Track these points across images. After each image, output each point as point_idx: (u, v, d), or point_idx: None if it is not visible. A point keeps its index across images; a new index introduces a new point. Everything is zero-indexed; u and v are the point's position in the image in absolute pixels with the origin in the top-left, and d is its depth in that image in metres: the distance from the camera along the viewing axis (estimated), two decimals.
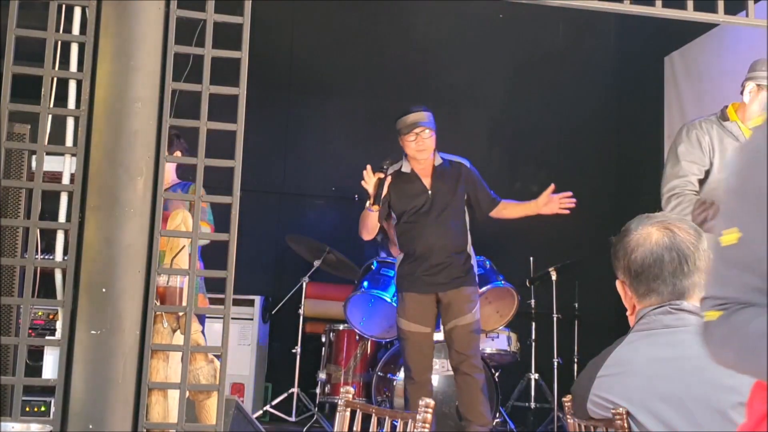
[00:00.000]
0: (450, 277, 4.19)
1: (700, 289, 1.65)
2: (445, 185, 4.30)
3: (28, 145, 2.34)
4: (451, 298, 4.20)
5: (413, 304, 4.21)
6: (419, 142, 4.25)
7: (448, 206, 4.28)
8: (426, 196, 4.28)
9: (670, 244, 1.67)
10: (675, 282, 1.67)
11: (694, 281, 1.66)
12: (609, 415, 1.58)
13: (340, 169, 6.67)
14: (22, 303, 1.84)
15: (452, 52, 6.76)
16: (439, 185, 4.30)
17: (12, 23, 1.85)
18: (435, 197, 4.28)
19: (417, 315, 4.20)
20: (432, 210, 4.26)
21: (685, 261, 1.66)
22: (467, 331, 4.20)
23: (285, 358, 5.63)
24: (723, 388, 1.46)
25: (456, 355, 4.21)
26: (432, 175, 4.32)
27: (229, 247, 1.88)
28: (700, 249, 1.67)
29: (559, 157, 6.85)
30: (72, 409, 1.74)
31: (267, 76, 6.29)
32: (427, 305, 4.22)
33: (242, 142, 1.89)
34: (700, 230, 1.73)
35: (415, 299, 4.21)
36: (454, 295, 4.20)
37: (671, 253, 1.66)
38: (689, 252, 1.66)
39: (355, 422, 2.07)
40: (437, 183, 4.31)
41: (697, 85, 6.13)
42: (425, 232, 4.23)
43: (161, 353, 2.39)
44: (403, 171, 4.35)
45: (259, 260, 5.96)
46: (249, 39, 1.92)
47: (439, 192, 4.29)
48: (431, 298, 4.22)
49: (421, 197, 4.27)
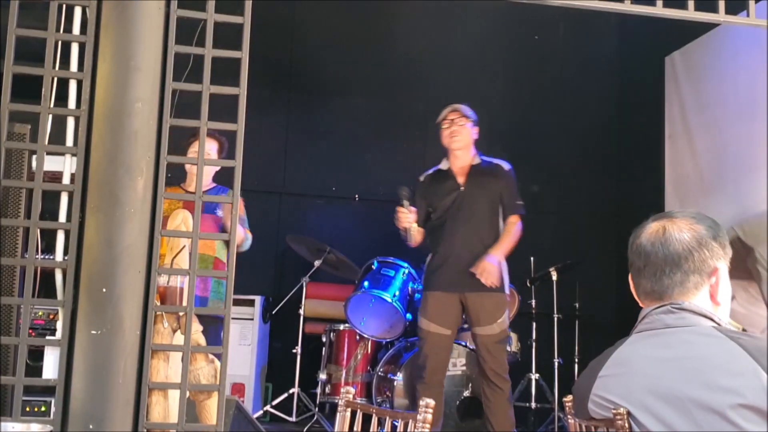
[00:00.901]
0: (473, 278, 4.11)
1: (682, 290, 1.63)
2: (479, 185, 4.25)
3: (29, 145, 2.34)
4: (475, 303, 4.13)
5: (436, 304, 4.16)
6: (452, 129, 4.24)
7: (480, 206, 4.22)
8: (458, 194, 4.23)
9: (659, 241, 1.65)
10: (654, 279, 1.65)
11: (676, 281, 1.63)
12: (610, 415, 1.58)
13: (340, 169, 6.67)
14: (23, 303, 1.84)
15: (452, 51, 6.76)
16: (473, 184, 4.25)
17: (12, 23, 1.85)
18: (466, 196, 4.23)
19: (438, 315, 4.15)
20: (462, 208, 4.21)
21: (671, 260, 1.63)
22: (493, 342, 4.14)
23: (285, 358, 5.63)
24: (723, 389, 1.46)
25: (482, 363, 4.17)
26: (467, 174, 4.28)
27: (230, 247, 1.87)
28: (693, 251, 1.63)
29: (560, 157, 6.85)
30: (72, 409, 1.74)
31: (267, 76, 6.30)
32: (449, 305, 4.16)
33: (243, 142, 1.89)
34: (709, 234, 1.65)
35: (438, 298, 4.16)
36: (479, 300, 4.13)
37: (657, 249, 1.65)
38: (677, 251, 1.63)
39: (356, 422, 2.07)
40: (471, 182, 4.25)
41: (698, 85, 6.13)
42: (454, 231, 4.19)
43: (162, 353, 2.40)
44: (441, 168, 4.34)
45: (260, 260, 5.95)
46: (249, 39, 1.92)
47: (471, 191, 4.23)
48: (455, 298, 4.16)
49: (454, 194, 4.23)
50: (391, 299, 4.90)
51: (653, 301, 1.67)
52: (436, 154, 6.62)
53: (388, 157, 6.69)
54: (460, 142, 4.26)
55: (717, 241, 1.65)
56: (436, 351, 4.17)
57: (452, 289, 4.15)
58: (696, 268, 1.63)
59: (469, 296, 4.14)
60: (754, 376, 1.45)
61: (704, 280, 1.64)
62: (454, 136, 4.25)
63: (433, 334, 4.15)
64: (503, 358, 4.21)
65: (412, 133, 6.78)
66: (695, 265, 1.63)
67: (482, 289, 4.10)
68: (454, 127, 4.25)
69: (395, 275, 5.05)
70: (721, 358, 1.50)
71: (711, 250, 1.64)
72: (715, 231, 1.66)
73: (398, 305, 4.90)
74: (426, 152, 6.78)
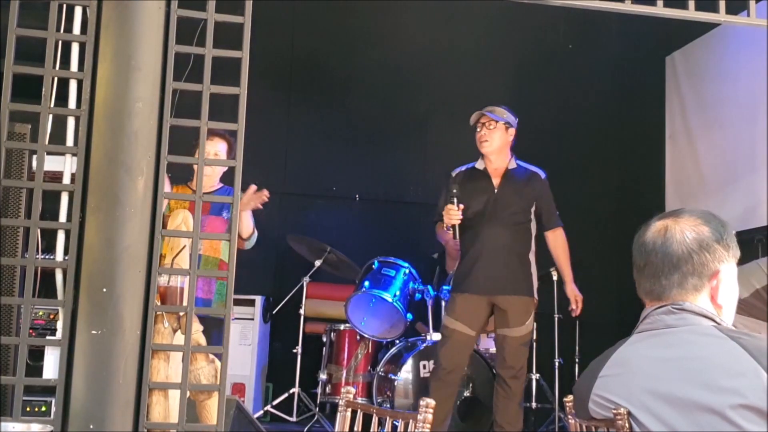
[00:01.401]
0: (506, 282, 4.13)
1: (681, 292, 1.62)
2: (513, 189, 4.24)
3: (29, 145, 2.34)
4: (506, 305, 4.14)
5: (464, 304, 4.16)
6: (483, 132, 4.23)
7: (513, 210, 4.21)
8: (492, 195, 4.22)
9: (659, 241, 1.64)
10: (653, 279, 1.65)
11: (674, 282, 1.62)
12: (610, 415, 1.58)
13: (340, 169, 6.68)
14: (23, 303, 1.84)
15: (453, 51, 6.76)
16: (507, 188, 4.23)
17: (13, 23, 1.85)
18: (500, 198, 4.21)
19: (464, 315, 4.15)
20: (496, 210, 4.20)
21: (669, 261, 1.62)
22: (518, 344, 4.15)
23: (286, 358, 5.63)
24: (724, 389, 1.46)
25: (502, 363, 4.17)
26: (502, 177, 4.27)
27: (230, 247, 1.87)
28: (693, 254, 1.61)
29: (560, 158, 6.85)
30: (73, 409, 1.74)
31: (268, 75, 6.30)
32: (477, 307, 4.16)
33: (243, 142, 1.89)
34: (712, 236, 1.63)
35: (467, 299, 4.16)
36: (509, 302, 4.14)
37: (657, 249, 1.64)
38: (675, 253, 1.62)
39: (356, 422, 2.07)
40: (505, 185, 4.24)
41: (699, 84, 6.14)
42: (486, 232, 4.17)
43: (162, 353, 2.40)
44: (477, 167, 4.31)
45: (260, 260, 5.95)
46: (250, 39, 1.92)
47: (505, 194, 4.22)
48: (484, 301, 4.16)
49: (487, 195, 4.22)
50: (392, 299, 4.90)
51: (653, 300, 1.67)
52: (436, 154, 6.64)
53: (388, 157, 6.69)
54: (489, 146, 4.24)
55: (720, 243, 1.63)
56: (457, 349, 4.16)
57: (482, 292, 4.15)
58: (695, 271, 1.62)
59: (499, 299, 4.15)
60: (755, 376, 1.44)
61: (704, 282, 1.62)
62: (482, 140, 4.23)
63: (458, 333, 4.14)
64: (525, 360, 4.24)
65: (412, 133, 6.78)
66: (694, 268, 1.62)
67: (512, 293, 4.14)
68: (483, 131, 4.23)
69: (396, 275, 5.05)
70: (721, 358, 1.50)
71: (713, 252, 1.62)
72: (720, 233, 1.63)
73: (399, 305, 4.90)
74: (426, 152, 6.79)
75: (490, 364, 4.96)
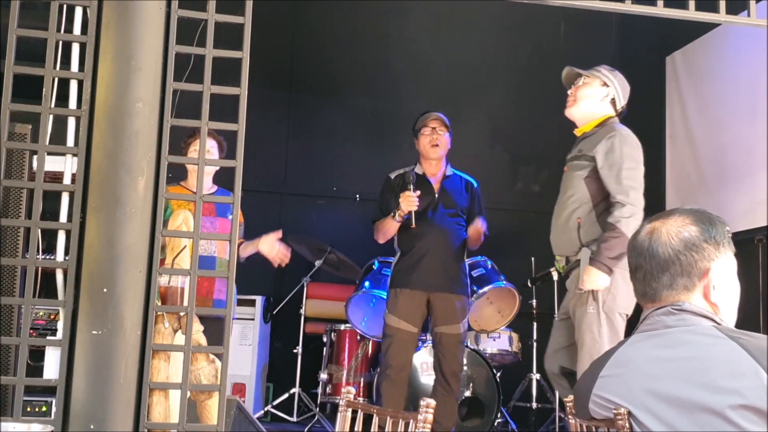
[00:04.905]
0: (442, 280, 4.25)
1: (672, 293, 1.62)
2: (451, 193, 4.40)
3: (30, 145, 2.35)
4: (441, 302, 4.24)
5: (405, 301, 4.25)
6: (434, 136, 4.33)
7: (451, 213, 4.36)
8: (432, 199, 4.35)
9: (647, 244, 1.65)
10: (644, 282, 1.66)
11: (663, 284, 1.63)
12: (610, 416, 1.58)
13: (341, 169, 6.67)
14: (24, 303, 1.84)
15: (453, 51, 6.75)
16: (446, 192, 4.39)
17: (13, 23, 1.85)
18: (440, 201, 4.36)
19: (407, 313, 4.24)
20: (435, 213, 4.33)
21: (657, 263, 1.63)
22: (455, 341, 4.25)
23: (286, 358, 5.63)
24: (724, 389, 1.46)
25: (442, 361, 4.26)
26: (441, 182, 4.42)
27: (230, 247, 1.87)
28: (680, 255, 1.61)
29: (560, 158, 6.82)
30: (73, 409, 1.74)
31: (268, 76, 6.30)
32: (417, 304, 4.25)
33: (243, 142, 1.89)
34: (701, 236, 1.62)
35: (407, 296, 4.25)
36: (444, 300, 4.25)
37: (646, 252, 1.65)
38: (662, 255, 1.62)
39: (357, 422, 2.07)
40: (444, 189, 4.40)
41: (699, 84, 6.13)
42: (425, 233, 4.28)
43: (162, 353, 2.39)
44: (416, 172, 4.42)
45: (260, 260, 5.94)
46: (250, 39, 1.92)
47: (444, 198, 4.37)
48: (422, 297, 4.26)
49: (427, 199, 4.33)
50: None
51: (647, 302, 1.68)
52: None
53: (388, 157, 6.68)
54: (438, 150, 4.37)
55: (709, 242, 1.62)
56: (403, 348, 4.25)
57: (421, 288, 4.25)
58: (683, 271, 1.62)
59: (435, 296, 4.25)
60: (755, 377, 1.45)
61: (694, 281, 1.62)
62: (435, 144, 4.34)
63: (401, 331, 4.23)
64: (462, 358, 4.34)
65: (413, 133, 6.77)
66: (682, 268, 1.62)
67: (448, 291, 4.25)
68: (435, 136, 4.34)
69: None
70: (721, 358, 1.50)
71: (700, 251, 1.62)
72: (709, 231, 1.63)
73: None
74: None
75: (490, 364, 4.97)
